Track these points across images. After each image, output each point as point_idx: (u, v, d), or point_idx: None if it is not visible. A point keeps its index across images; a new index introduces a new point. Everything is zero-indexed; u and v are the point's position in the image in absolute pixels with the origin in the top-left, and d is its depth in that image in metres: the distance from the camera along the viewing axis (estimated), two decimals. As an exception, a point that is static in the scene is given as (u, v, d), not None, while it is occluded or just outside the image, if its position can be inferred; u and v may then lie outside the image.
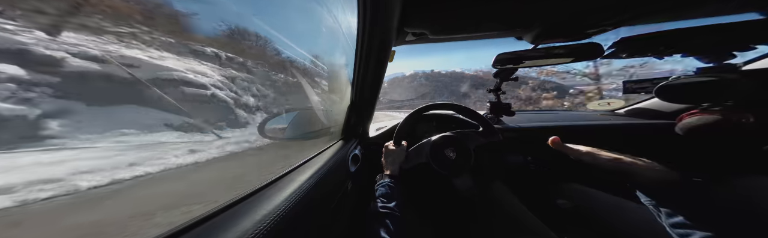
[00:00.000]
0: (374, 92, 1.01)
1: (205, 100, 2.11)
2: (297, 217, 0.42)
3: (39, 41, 0.43)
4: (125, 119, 1.00)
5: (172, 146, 0.78)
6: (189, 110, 1.24)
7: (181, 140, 1.24)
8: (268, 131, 0.82)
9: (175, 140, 1.21)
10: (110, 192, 0.44)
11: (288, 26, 0.79)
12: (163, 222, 0.28)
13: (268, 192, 0.45)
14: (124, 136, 0.98)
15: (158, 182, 0.46)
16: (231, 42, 3.53)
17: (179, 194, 0.45)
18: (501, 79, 1.41)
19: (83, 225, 0.37)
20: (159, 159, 0.60)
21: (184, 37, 2.44)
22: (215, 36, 3.61)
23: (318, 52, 0.98)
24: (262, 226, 0.33)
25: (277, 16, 0.72)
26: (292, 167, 0.61)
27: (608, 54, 0.99)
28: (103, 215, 0.38)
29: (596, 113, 1.77)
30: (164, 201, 0.44)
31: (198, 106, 1.95)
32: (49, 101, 0.50)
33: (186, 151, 1.14)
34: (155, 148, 0.96)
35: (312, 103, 0.97)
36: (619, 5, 0.77)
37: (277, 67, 2.60)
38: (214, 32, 3.43)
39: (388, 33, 0.71)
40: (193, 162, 0.92)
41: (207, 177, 0.56)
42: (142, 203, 0.45)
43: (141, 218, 0.36)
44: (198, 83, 2.45)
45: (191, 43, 2.63)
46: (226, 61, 3.49)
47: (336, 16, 0.71)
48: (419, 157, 1.00)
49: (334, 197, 0.67)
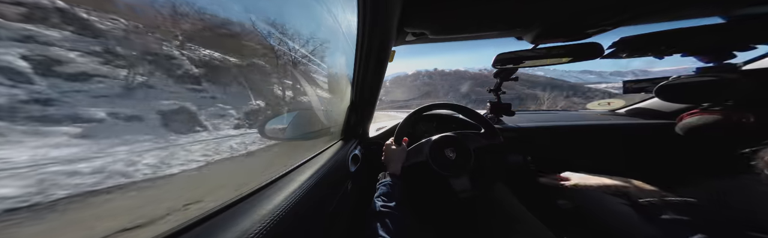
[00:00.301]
0: (374, 92, 1.01)
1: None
2: (297, 217, 0.42)
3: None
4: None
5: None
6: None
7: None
8: (268, 131, 0.82)
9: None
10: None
11: (288, 26, 0.79)
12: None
13: (268, 192, 0.45)
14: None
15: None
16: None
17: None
18: (501, 79, 1.41)
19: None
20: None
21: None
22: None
23: (318, 52, 0.98)
24: (262, 226, 0.33)
25: (277, 15, 0.72)
26: (292, 167, 0.61)
27: (608, 54, 0.99)
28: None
29: (596, 113, 1.77)
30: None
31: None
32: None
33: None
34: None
35: (312, 104, 0.97)
36: (619, 5, 0.77)
37: (276, 67, 2.58)
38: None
39: (388, 33, 0.71)
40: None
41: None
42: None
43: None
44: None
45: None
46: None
47: (336, 16, 0.71)
48: (418, 155, 1.00)
49: (334, 197, 0.67)
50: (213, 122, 0.78)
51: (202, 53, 0.65)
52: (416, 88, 77.77)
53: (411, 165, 0.98)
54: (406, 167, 0.95)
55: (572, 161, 1.40)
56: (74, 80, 0.38)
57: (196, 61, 0.64)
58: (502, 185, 1.15)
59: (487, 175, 1.04)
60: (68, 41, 0.36)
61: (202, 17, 0.53)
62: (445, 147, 1.00)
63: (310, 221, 0.50)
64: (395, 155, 0.97)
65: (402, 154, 0.98)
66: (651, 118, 1.46)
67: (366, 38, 0.72)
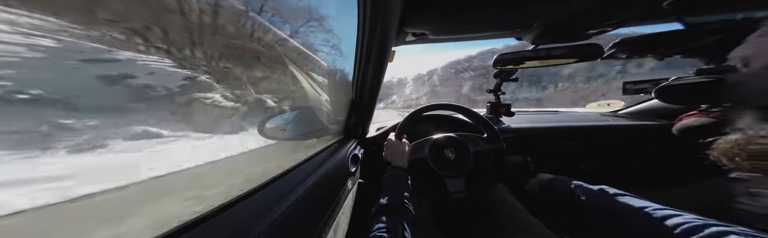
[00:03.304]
0: (374, 92, 1.01)
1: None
2: (297, 217, 0.42)
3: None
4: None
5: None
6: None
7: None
8: (268, 131, 0.82)
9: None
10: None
11: (287, 26, 0.79)
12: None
13: (268, 192, 0.45)
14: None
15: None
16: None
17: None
18: (501, 79, 1.41)
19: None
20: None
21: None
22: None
23: (318, 52, 0.98)
24: (261, 225, 0.33)
25: (277, 15, 0.72)
26: (292, 167, 0.61)
27: (608, 55, 0.99)
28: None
29: (596, 114, 1.77)
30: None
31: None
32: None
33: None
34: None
35: (312, 103, 0.97)
36: (620, 6, 0.77)
37: (276, 66, 2.60)
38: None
39: (388, 33, 0.71)
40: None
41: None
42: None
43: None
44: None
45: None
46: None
47: (336, 16, 0.71)
48: (418, 153, 1.00)
49: (334, 197, 0.67)
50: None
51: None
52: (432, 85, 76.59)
53: (412, 160, 0.99)
54: (409, 162, 0.96)
55: (573, 162, 1.40)
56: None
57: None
58: (502, 184, 1.15)
59: (487, 176, 1.04)
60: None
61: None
62: (446, 147, 1.00)
63: (310, 220, 0.50)
64: (399, 149, 0.96)
65: (406, 148, 0.98)
66: (650, 119, 1.46)
67: (366, 38, 0.72)
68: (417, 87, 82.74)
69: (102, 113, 0.41)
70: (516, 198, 1.05)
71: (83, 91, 0.38)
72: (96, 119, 0.40)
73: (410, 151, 0.99)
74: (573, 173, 1.19)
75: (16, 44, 0.29)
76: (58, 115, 0.35)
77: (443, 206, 1.09)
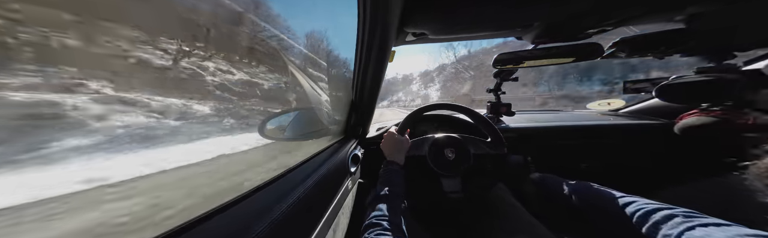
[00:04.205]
0: (374, 92, 1.01)
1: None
2: (297, 216, 0.42)
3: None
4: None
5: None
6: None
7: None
8: (268, 131, 0.82)
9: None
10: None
11: (287, 25, 0.79)
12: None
13: (268, 192, 0.45)
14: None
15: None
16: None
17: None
18: (501, 79, 1.41)
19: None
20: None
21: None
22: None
23: (318, 52, 0.98)
24: (261, 225, 0.33)
25: (276, 15, 0.72)
26: (292, 167, 0.61)
27: (608, 54, 0.99)
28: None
29: (596, 113, 1.77)
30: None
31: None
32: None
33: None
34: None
35: (312, 103, 0.97)
36: (619, 5, 0.77)
37: (276, 66, 2.60)
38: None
39: (388, 33, 0.71)
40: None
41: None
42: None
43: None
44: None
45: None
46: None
47: (335, 16, 0.71)
48: (418, 150, 1.00)
49: (333, 197, 0.67)
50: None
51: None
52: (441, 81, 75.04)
53: (410, 156, 0.99)
54: (407, 158, 0.96)
55: (573, 162, 1.40)
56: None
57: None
58: (502, 184, 1.15)
59: (487, 176, 1.04)
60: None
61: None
62: (446, 147, 1.00)
63: (310, 220, 0.50)
64: (398, 144, 0.96)
65: (405, 144, 0.98)
66: (651, 118, 1.46)
67: (366, 38, 0.72)
68: (425, 83, 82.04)
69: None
70: (516, 198, 1.04)
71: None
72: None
73: (409, 147, 0.99)
74: (574, 172, 1.20)
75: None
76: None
77: (439, 206, 1.09)
